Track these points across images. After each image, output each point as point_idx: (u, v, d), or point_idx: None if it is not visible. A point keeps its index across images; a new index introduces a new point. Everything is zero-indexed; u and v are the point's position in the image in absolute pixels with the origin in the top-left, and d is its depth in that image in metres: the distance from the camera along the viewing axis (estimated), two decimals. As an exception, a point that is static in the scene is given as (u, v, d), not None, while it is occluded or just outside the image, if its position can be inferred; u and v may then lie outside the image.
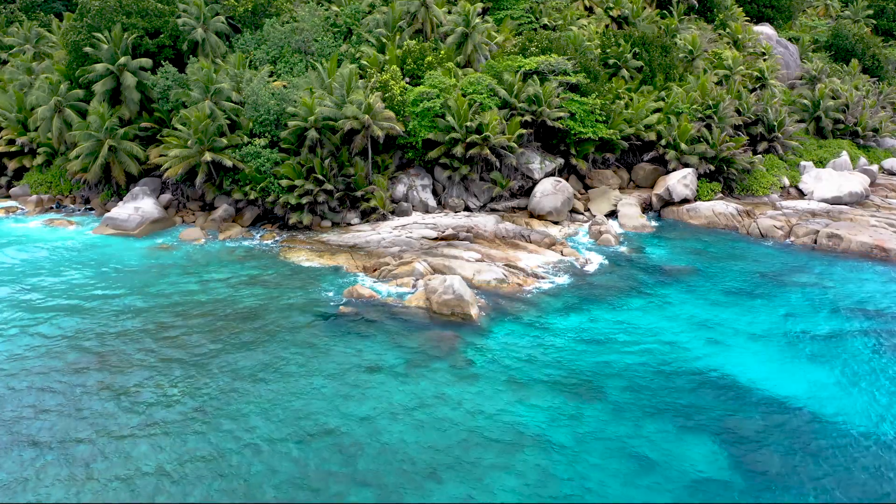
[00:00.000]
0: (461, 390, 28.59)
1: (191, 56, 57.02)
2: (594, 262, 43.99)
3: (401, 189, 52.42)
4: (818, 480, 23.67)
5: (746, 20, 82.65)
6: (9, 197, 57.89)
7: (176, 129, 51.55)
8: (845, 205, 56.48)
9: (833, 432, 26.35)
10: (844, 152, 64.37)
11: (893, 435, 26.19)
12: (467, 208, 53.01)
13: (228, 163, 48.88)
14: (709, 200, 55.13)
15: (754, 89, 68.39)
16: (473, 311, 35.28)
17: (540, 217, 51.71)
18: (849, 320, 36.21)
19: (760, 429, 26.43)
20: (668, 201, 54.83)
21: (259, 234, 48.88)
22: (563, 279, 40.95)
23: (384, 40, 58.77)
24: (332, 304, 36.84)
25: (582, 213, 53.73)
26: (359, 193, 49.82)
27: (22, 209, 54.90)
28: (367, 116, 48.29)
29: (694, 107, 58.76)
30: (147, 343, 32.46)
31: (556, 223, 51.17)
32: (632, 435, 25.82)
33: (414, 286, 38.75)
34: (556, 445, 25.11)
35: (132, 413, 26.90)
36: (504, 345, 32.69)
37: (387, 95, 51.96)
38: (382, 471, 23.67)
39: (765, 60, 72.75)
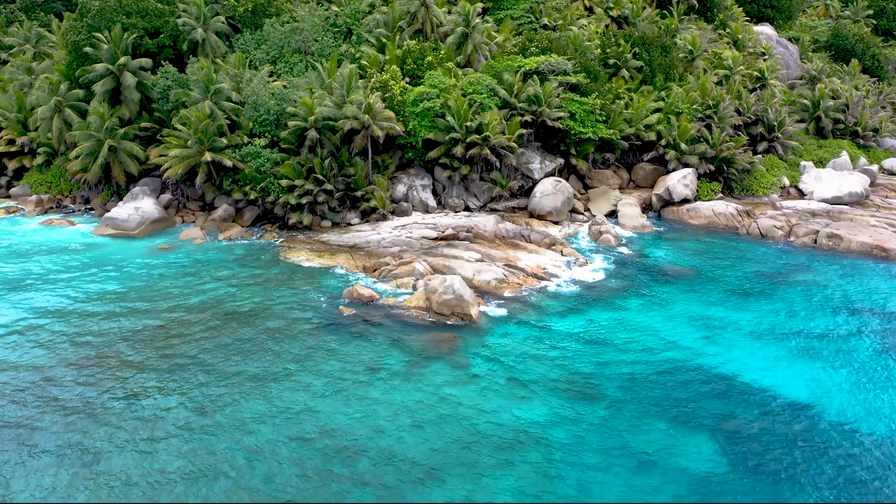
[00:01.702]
0: (461, 390, 28.60)
1: (191, 56, 57.05)
2: (594, 262, 43.99)
3: (401, 189, 52.42)
4: (818, 480, 23.67)
5: (746, 20, 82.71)
6: (9, 197, 57.92)
7: (176, 129, 51.57)
8: (845, 205, 56.50)
9: (833, 431, 26.35)
10: (844, 152, 64.40)
11: (894, 434, 26.18)
12: (467, 208, 53.02)
13: (228, 163, 48.89)
14: (709, 200, 55.14)
15: (754, 89, 68.42)
16: (473, 312, 35.27)
17: (540, 217, 51.72)
18: (849, 319, 36.22)
19: (760, 428, 26.43)
20: (668, 201, 54.83)
21: (259, 234, 48.89)
22: (563, 279, 40.94)
23: (384, 40, 58.78)
24: (331, 304, 36.83)
25: (582, 213, 53.74)
26: (359, 193, 49.82)
27: (22, 209, 54.89)
28: (367, 116, 48.30)
29: (694, 107, 58.77)
30: (147, 343, 32.45)
31: (556, 223, 51.18)
32: (631, 434, 25.82)
33: (414, 286, 38.74)
34: (555, 444, 25.11)
35: (132, 413, 26.89)
36: (504, 345, 32.69)
37: (387, 95, 51.97)
38: (382, 470, 23.66)
39: (765, 60, 72.78)
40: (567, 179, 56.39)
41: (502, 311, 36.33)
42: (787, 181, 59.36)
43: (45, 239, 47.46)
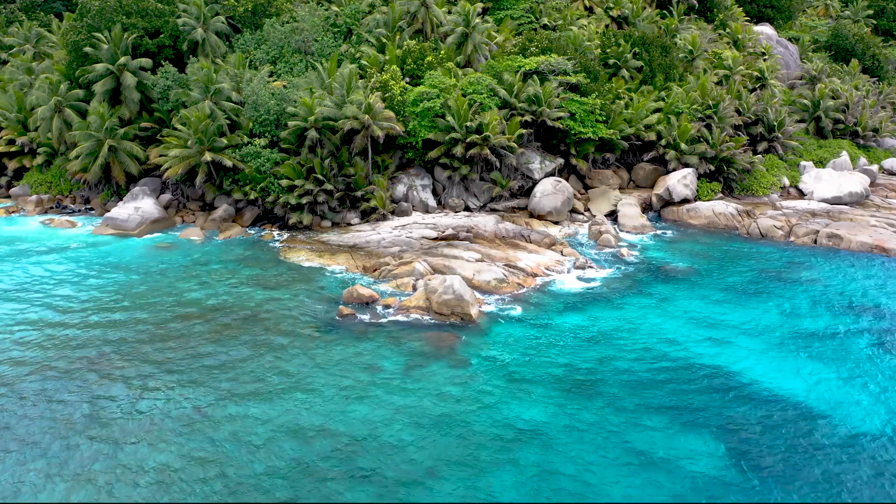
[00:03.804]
0: (461, 389, 28.59)
1: (191, 56, 57.07)
2: (594, 262, 43.95)
3: (401, 189, 52.43)
4: (818, 479, 23.65)
5: (746, 20, 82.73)
6: (9, 197, 57.95)
7: (176, 129, 51.59)
8: (845, 205, 56.51)
9: (833, 430, 26.33)
10: (844, 152, 64.41)
11: (894, 433, 26.18)
12: (467, 208, 53.02)
13: (228, 163, 48.91)
14: (709, 200, 55.14)
15: (754, 89, 68.43)
16: (473, 311, 35.28)
17: (540, 217, 51.72)
18: (850, 319, 36.20)
19: (761, 426, 26.42)
20: (668, 201, 54.83)
21: (259, 234, 48.89)
22: (563, 279, 40.94)
23: (384, 40, 58.79)
24: (331, 304, 36.82)
25: (582, 213, 53.74)
26: (359, 193, 49.83)
27: (22, 209, 54.91)
28: (367, 116, 48.30)
29: (694, 107, 58.76)
30: (146, 344, 32.45)
31: (556, 223, 51.19)
32: (631, 432, 25.81)
33: (414, 286, 38.73)
34: (555, 442, 25.10)
35: (131, 413, 26.89)
36: (504, 344, 32.70)
37: (387, 95, 51.98)
38: (381, 468, 23.66)
39: (765, 60, 72.79)
40: (567, 179, 56.39)
41: (502, 311, 36.33)
42: (787, 181, 59.37)
43: (45, 239, 47.46)
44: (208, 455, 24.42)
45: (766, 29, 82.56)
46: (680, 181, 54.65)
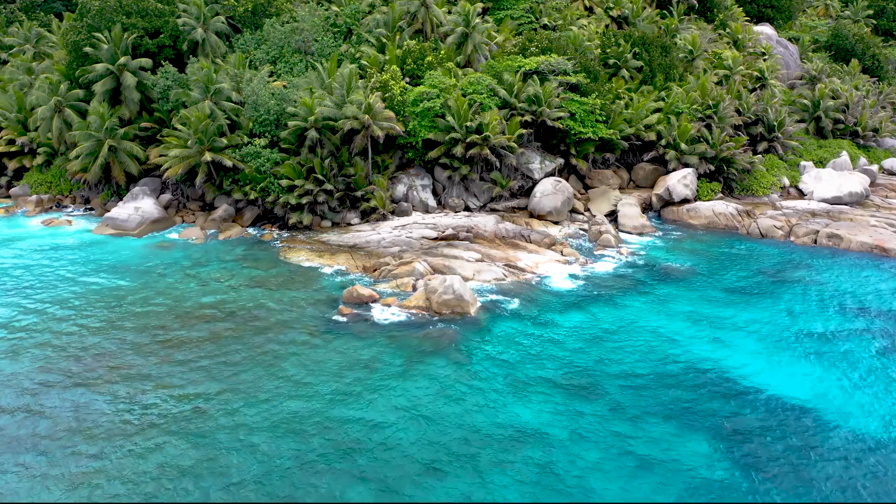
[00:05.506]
0: (461, 388, 28.60)
1: (191, 56, 57.07)
2: (594, 261, 43.98)
3: (401, 189, 52.42)
4: (818, 480, 23.66)
5: (746, 20, 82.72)
6: (9, 197, 57.95)
7: (176, 129, 51.58)
8: (845, 205, 56.50)
9: (833, 431, 26.34)
10: (844, 152, 64.40)
11: (893, 435, 26.17)
12: (467, 208, 53.01)
13: (228, 163, 48.90)
14: (709, 200, 55.12)
15: (754, 89, 68.41)
16: (473, 311, 35.28)
17: (540, 217, 51.72)
18: (849, 319, 36.21)
19: (761, 427, 26.42)
20: (668, 201, 54.83)
21: (259, 234, 48.88)
22: (563, 278, 40.95)
23: (384, 40, 58.79)
24: (331, 304, 36.83)
25: (582, 213, 53.73)
26: (359, 193, 49.82)
27: (22, 209, 54.90)
28: (367, 116, 48.30)
29: (694, 107, 58.75)
30: (146, 344, 32.45)
31: (556, 223, 51.18)
32: (631, 432, 25.81)
33: (414, 286, 38.73)
34: (555, 442, 25.11)
35: (131, 413, 26.89)
36: (504, 343, 32.70)
37: (387, 95, 51.97)
38: (381, 466, 23.67)
39: (765, 60, 72.78)
40: (567, 179, 56.39)
41: (502, 311, 36.32)
42: (787, 181, 59.36)
43: (44, 238, 47.46)
44: (207, 454, 24.42)
45: (766, 29, 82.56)
46: (680, 181, 54.65)
